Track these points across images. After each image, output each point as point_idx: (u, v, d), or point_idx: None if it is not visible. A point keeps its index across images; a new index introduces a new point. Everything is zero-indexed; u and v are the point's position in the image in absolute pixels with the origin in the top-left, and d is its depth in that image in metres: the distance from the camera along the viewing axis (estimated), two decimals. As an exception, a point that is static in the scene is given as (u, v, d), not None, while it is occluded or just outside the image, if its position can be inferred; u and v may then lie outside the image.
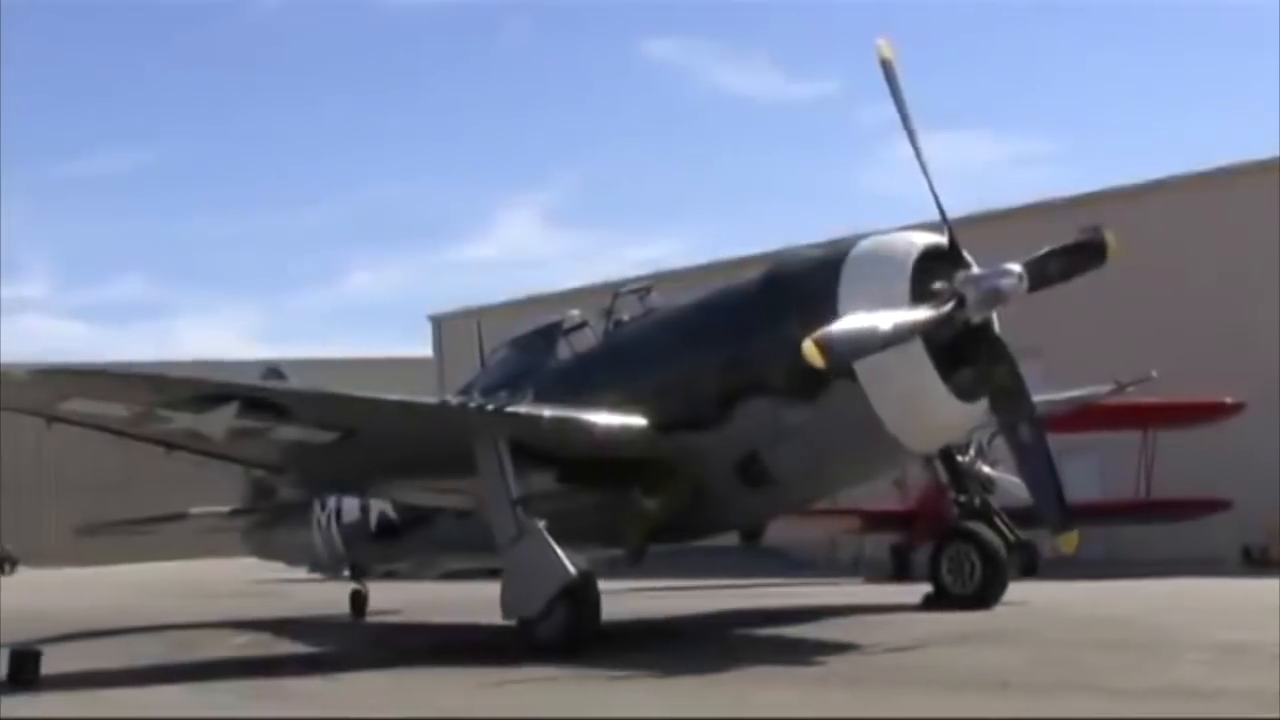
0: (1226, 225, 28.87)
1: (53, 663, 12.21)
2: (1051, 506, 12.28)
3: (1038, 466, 12.26)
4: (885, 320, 11.54)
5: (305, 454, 13.53)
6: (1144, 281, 28.97)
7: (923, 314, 11.84)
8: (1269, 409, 25.60)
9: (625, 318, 15.17)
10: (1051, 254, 12.59)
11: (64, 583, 32.66)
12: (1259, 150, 29.97)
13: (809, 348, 11.17)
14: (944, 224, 12.45)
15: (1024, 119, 74.91)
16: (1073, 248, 12.73)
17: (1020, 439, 12.23)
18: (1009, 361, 12.30)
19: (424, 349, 46.27)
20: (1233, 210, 28.91)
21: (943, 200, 12.39)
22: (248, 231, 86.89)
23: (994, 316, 12.34)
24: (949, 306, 11.94)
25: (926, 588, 16.81)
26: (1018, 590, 16.74)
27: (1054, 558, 25.80)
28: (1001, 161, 73.53)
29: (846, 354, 11.52)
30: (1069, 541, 12.33)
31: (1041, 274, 12.41)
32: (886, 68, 12.54)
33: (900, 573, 23.69)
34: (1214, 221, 29.08)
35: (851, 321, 11.56)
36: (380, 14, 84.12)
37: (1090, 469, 28.74)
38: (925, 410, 12.33)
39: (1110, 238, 12.84)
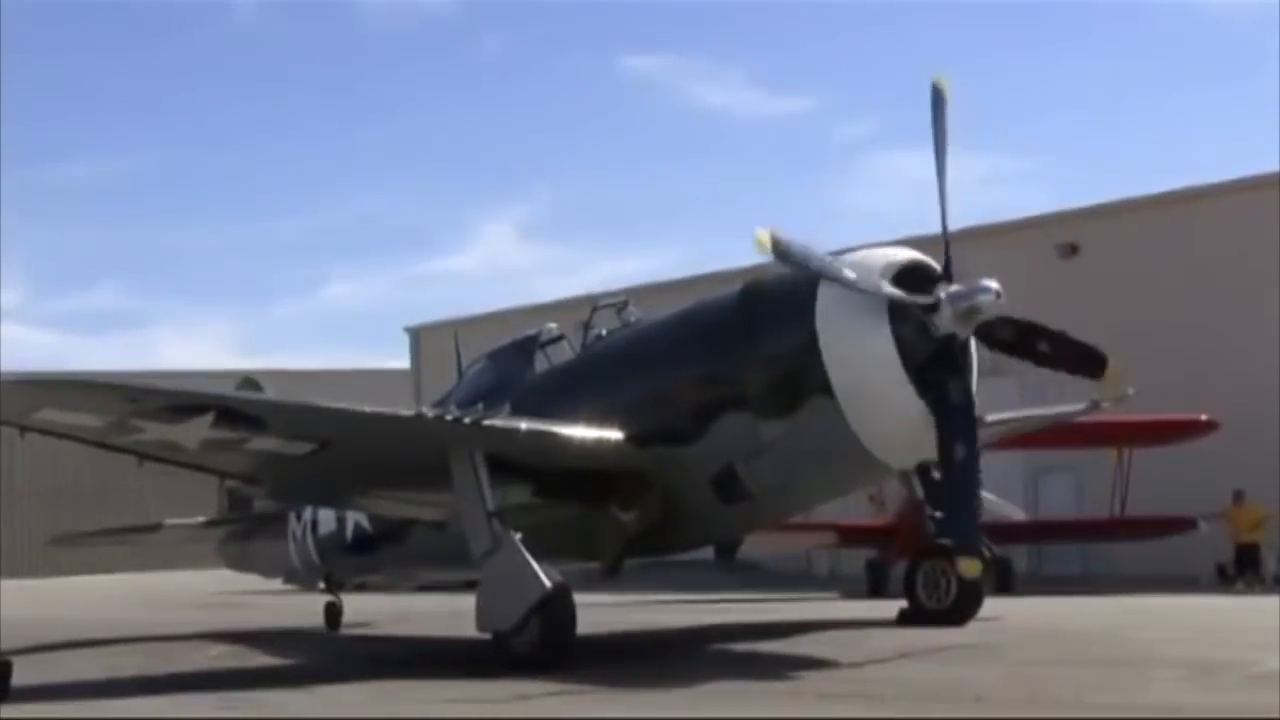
0: (1201, 243, 29.05)
1: (24, 674, 12.13)
2: (961, 530, 12.29)
3: (961, 485, 12.22)
4: (847, 269, 11.72)
5: (280, 465, 13.48)
6: (1119, 299, 29.17)
7: (888, 288, 11.91)
8: (1247, 425, 25.73)
9: (603, 331, 15.17)
10: (1054, 338, 12.69)
11: (36, 593, 32.44)
12: (1233, 170, 30.22)
13: (759, 233, 11.51)
14: (946, 252, 12.47)
15: (1001, 136, 75.10)
16: (1075, 352, 12.85)
17: (952, 456, 12.08)
18: (964, 379, 12.31)
19: (401, 361, 46.23)
20: (1208, 229, 29.09)
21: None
22: (225, 242, 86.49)
23: (971, 335, 12.36)
24: (921, 299, 12.01)
25: (902, 603, 16.84)
26: (992, 606, 16.77)
27: (1034, 573, 26.07)
28: (973, 179, 73.68)
29: (793, 253, 11.85)
30: (971, 568, 12.41)
31: (1033, 350, 12.59)
32: (939, 101, 12.54)
33: (876, 588, 23.73)
34: (1188, 240, 29.27)
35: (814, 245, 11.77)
36: (360, 26, 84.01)
37: (1066, 487, 28.92)
38: (902, 426, 12.33)
39: (1115, 370, 12.96)
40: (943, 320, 12.08)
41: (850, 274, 12.01)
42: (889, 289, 12.12)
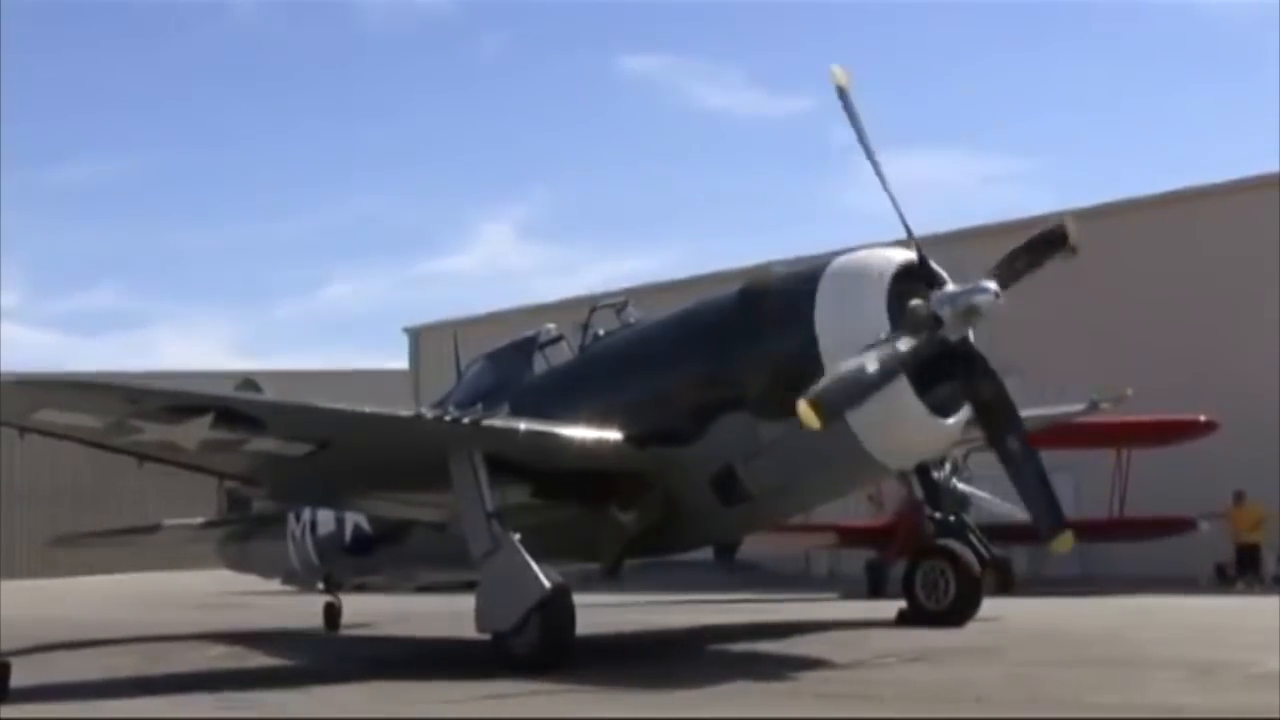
0: (1202, 244, 29.08)
1: (23, 674, 12.12)
2: (1043, 514, 12.28)
3: (1028, 475, 12.29)
4: (872, 361, 11.55)
5: (279, 466, 13.48)
6: (1119, 299, 29.21)
7: (905, 344, 11.85)
8: (1247, 425, 25.75)
9: (601, 332, 15.17)
10: (1016, 252, 12.62)
11: (35, 594, 32.43)
12: (1234, 170, 30.24)
13: (803, 410, 11.11)
14: (910, 239, 12.47)
15: (1000, 136, 75.20)
16: (1035, 240, 12.76)
17: (1008, 450, 12.26)
18: (990, 375, 12.33)
19: (400, 362, 46.26)
20: (1208, 229, 29.11)
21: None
22: (225, 242, 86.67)
23: (970, 333, 12.35)
24: (927, 332, 11.96)
25: (901, 604, 16.83)
26: (992, 607, 16.77)
27: (1033, 573, 26.06)
28: (974, 180, 73.81)
29: (841, 407, 11.48)
30: (1064, 543, 12.27)
31: (1010, 273, 12.46)
32: (842, 94, 12.54)
33: (875, 589, 23.74)
34: (1189, 240, 29.30)
35: (840, 372, 11.55)
36: (359, 26, 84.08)
37: (1065, 487, 28.87)
38: (901, 427, 12.33)
39: (1071, 225, 12.87)
40: (943, 320, 12.07)
41: (885, 377, 11.68)
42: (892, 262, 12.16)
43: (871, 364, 11.51)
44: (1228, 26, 71.29)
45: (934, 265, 12.48)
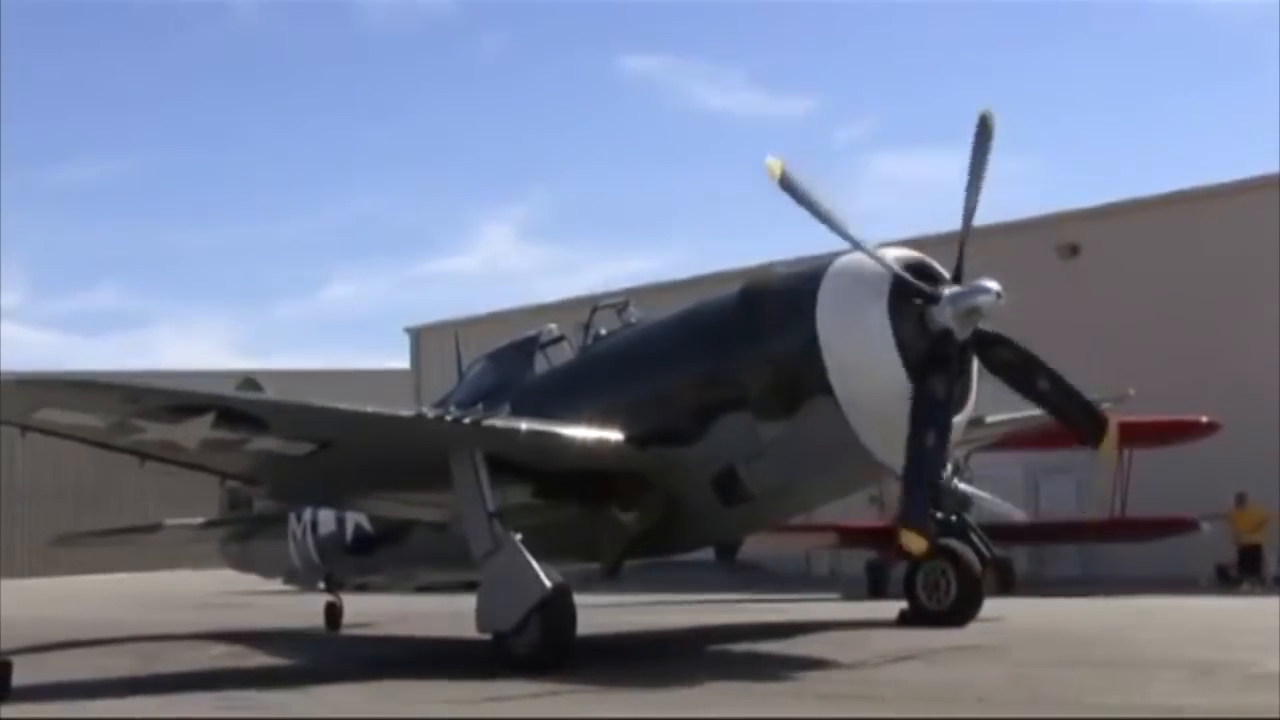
0: (1202, 244, 29.06)
1: (24, 674, 12.12)
2: (913, 509, 12.10)
3: (1067, 396, 12.53)
4: (926, 435, 11.78)
5: (281, 465, 13.48)
6: (1120, 300, 29.19)
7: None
8: (1248, 426, 25.74)
9: (603, 332, 15.17)
10: (1056, 384, 12.59)
11: (36, 593, 32.45)
12: (1235, 170, 30.23)
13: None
14: (960, 253, 12.46)
15: (1001, 136, 74.97)
16: (1075, 406, 12.82)
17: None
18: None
19: (401, 361, 46.24)
20: (1209, 229, 29.10)
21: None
22: (226, 242, 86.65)
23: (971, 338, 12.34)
24: (943, 346, 12.02)
25: (902, 604, 16.83)
26: (993, 607, 16.76)
27: (1034, 573, 26.06)
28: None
29: (799, 192, 11.95)
30: (915, 543, 12.10)
31: (1032, 389, 12.62)
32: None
33: (876, 589, 23.73)
34: (1190, 240, 29.28)
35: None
36: (360, 27, 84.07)
37: (1067, 487, 28.92)
38: (903, 427, 12.32)
39: (1113, 436, 13.17)
40: (942, 318, 12.08)
41: (852, 232, 12.15)
42: (892, 263, 12.18)
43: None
44: (1228, 26, 71.35)
45: (935, 265, 12.49)
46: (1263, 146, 65.75)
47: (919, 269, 12.42)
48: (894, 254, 12.60)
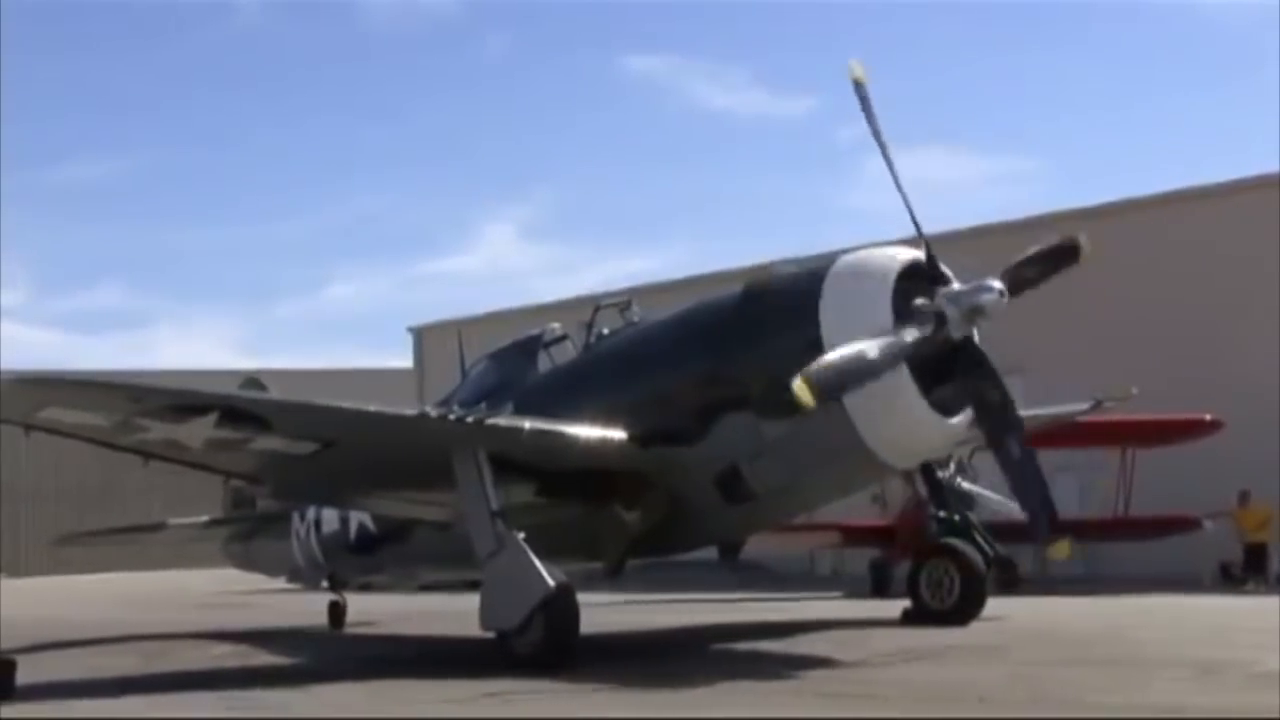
0: (1204, 243, 29.04)
1: (27, 673, 12.14)
2: (1039, 518, 12.27)
3: (1026, 479, 12.29)
4: (872, 348, 11.52)
5: (284, 464, 13.49)
6: (1124, 298, 29.16)
7: (909, 336, 11.83)
8: (1251, 424, 25.74)
9: (605, 331, 15.18)
10: (1027, 260, 12.62)
11: (40, 592, 32.50)
12: (1236, 170, 30.17)
13: (798, 387, 11.02)
14: (920, 238, 12.48)
15: (1002, 136, 75.17)
16: (1047, 252, 12.76)
17: (1008, 453, 12.24)
18: (994, 377, 12.33)
19: (404, 361, 46.26)
20: (1211, 228, 29.08)
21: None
22: (228, 242, 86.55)
23: (975, 332, 12.35)
24: (931, 327, 11.94)
25: (905, 603, 16.83)
26: (996, 606, 16.77)
27: (1038, 572, 26.07)
28: (979, 178, 73.78)
29: (836, 387, 11.41)
30: (1060, 550, 12.26)
31: (1018, 280, 12.45)
32: (859, 88, 12.53)
33: (879, 588, 23.73)
34: (1191, 240, 29.26)
35: (839, 354, 11.49)
36: (362, 27, 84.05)
37: (1070, 486, 28.88)
38: (905, 426, 12.34)
39: (1084, 240, 12.86)
40: (950, 322, 12.07)
41: (884, 366, 11.69)
42: (897, 260, 12.23)
43: (871, 350, 11.50)
44: (1228, 27, 71.27)
45: (940, 264, 12.49)
46: (1262, 146, 65.82)
47: (921, 269, 12.41)
48: (899, 253, 12.60)
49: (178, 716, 10.71)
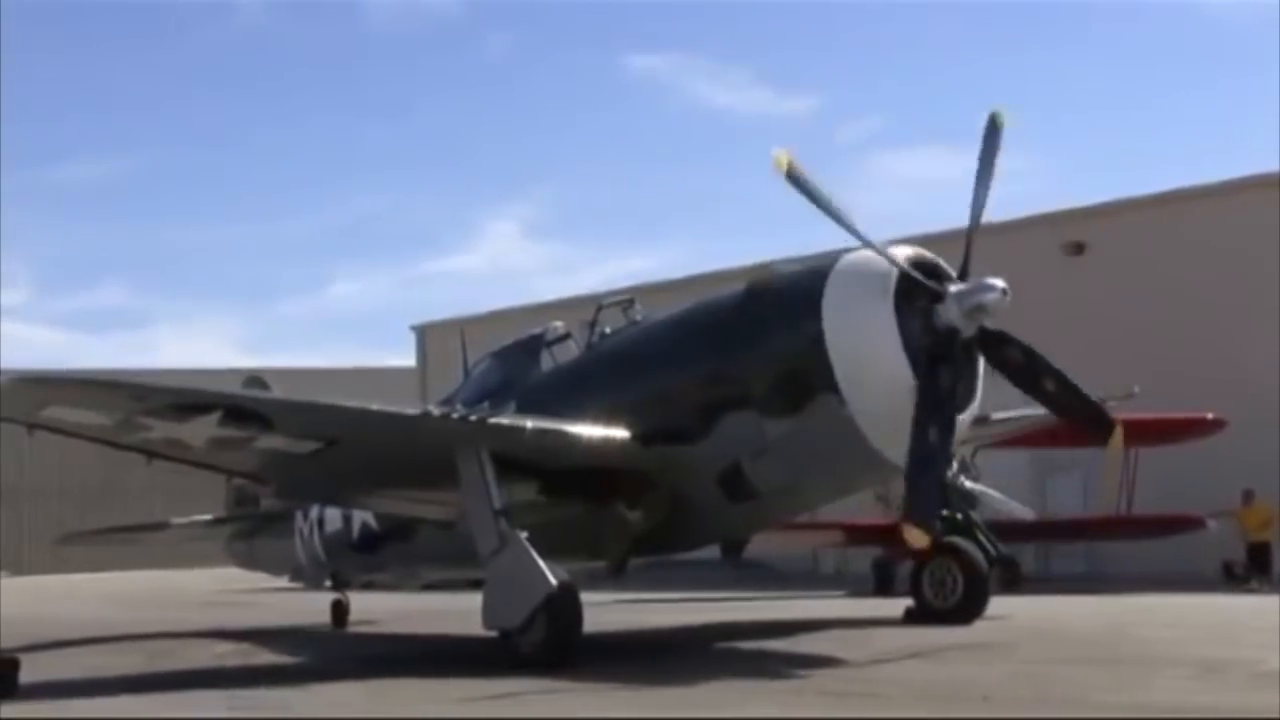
0: (1208, 241, 29.02)
1: (32, 671, 12.15)
2: (920, 505, 12.06)
3: (927, 465, 12.11)
4: (930, 432, 11.77)
5: (287, 463, 13.49)
6: (1125, 297, 29.16)
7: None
8: (1254, 423, 25.72)
9: (608, 330, 15.18)
10: (1061, 385, 12.56)
11: (43, 591, 32.51)
12: (1238, 169, 30.16)
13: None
14: (966, 257, 12.49)
15: (1002, 135, 74.99)
16: (1082, 407, 12.85)
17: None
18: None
19: (407, 359, 46.28)
20: (1215, 226, 29.07)
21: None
22: (230, 240, 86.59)
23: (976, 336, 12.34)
24: (949, 344, 12.03)
25: (908, 602, 16.82)
26: (999, 605, 16.76)
27: (1041, 571, 26.06)
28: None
29: (806, 185, 11.83)
30: (918, 537, 12.09)
31: (1038, 389, 12.58)
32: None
33: (882, 587, 23.72)
34: (1195, 238, 29.25)
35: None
36: (364, 26, 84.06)
37: (1074, 485, 28.89)
38: (908, 424, 12.31)
39: (1119, 434, 13.13)
40: (949, 316, 12.08)
41: (858, 228, 12.08)
42: (898, 260, 12.19)
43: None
44: (1228, 27, 71.22)
45: (941, 263, 12.49)
46: (1262, 146, 65.81)
47: (925, 267, 12.42)
48: (900, 252, 12.60)
49: (180, 716, 10.71)
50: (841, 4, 77.72)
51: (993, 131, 12.70)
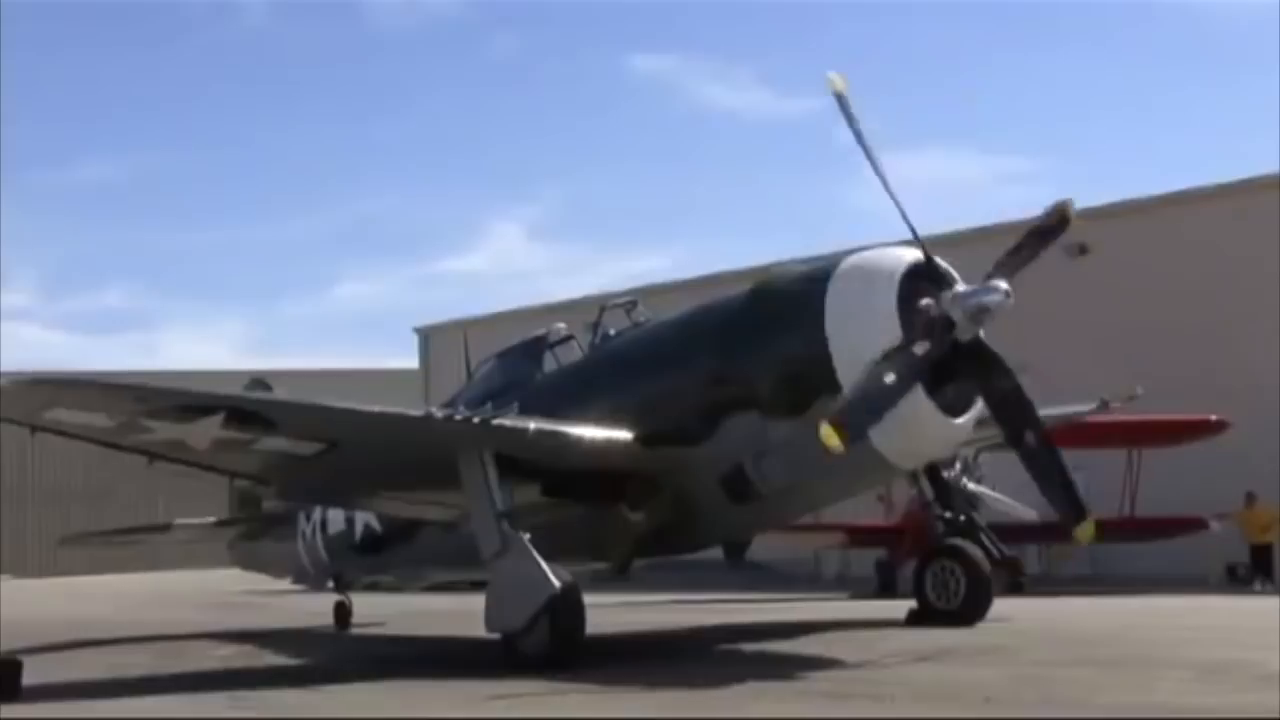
0: (1211, 243, 29.01)
1: (35, 673, 12.15)
2: (1064, 503, 12.40)
3: (1048, 469, 12.35)
4: (889, 373, 11.54)
5: (290, 465, 13.50)
6: (1129, 298, 29.15)
7: (919, 350, 11.84)
8: (1257, 424, 25.71)
9: (611, 331, 15.19)
10: (1021, 242, 12.57)
11: (46, 593, 32.52)
12: (1239, 169, 30.15)
13: (825, 433, 11.14)
14: (916, 240, 12.45)
15: (1005, 136, 75.15)
16: (1039, 227, 12.73)
17: (1027, 445, 12.30)
18: (1007, 372, 12.33)
19: (410, 361, 46.30)
20: (1218, 228, 29.06)
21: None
22: (235, 242, 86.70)
23: (980, 332, 12.34)
24: (938, 332, 11.95)
25: (911, 604, 16.81)
26: (1002, 607, 16.74)
27: (1044, 573, 26.06)
28: (986, 179, 73.77)
29: (864, 426, 11.54)
30: (1085, 532, 12.39)
31: (1015, 262, 12.43)
32: (841, 100, 12.46)
33: (885, 588, 23.73)
34: (1198, 239, 29.24)
35: (857, 389, 11.60)
36: (369, 27, 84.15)
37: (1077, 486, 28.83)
38: (911, 426, 12.31)
39: (1070, 207, 12.84)
40: (952, 317, 12.06)
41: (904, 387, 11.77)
42: (900, 260, 12.26)
43: (889, 376, 11.52)
44: (1232, 27, 71.21)
45: (944, 265, 12.48)
46: (1262, 146, 65.80)
47: (928, 269, 12.40)
48: (903, 253, 12.59)
49: (184, 717, 10.72)
50: (843, 5, 77.83)
51: (839, 100, 12.63)
